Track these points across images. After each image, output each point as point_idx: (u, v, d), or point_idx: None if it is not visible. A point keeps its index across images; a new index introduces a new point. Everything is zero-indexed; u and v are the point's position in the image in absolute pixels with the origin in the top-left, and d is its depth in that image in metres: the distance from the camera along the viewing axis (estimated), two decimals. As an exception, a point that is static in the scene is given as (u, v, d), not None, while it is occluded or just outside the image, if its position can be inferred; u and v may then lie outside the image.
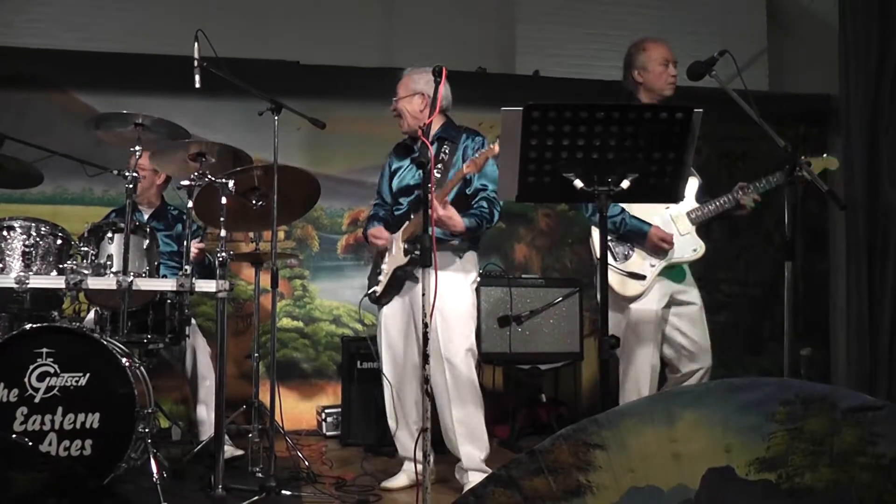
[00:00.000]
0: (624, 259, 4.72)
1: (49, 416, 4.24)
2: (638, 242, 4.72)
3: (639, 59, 4.82)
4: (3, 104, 6.89)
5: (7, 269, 4.45)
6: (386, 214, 5.09)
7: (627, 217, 4.68)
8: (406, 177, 4.96)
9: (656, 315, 4.66)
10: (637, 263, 4.70)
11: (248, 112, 5.20)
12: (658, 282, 4.68)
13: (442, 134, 4.83)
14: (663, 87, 4.77)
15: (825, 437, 2.57)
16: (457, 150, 4.81)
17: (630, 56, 4.88)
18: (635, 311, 4.68)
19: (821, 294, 8.20)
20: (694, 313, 4.79)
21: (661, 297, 4.69)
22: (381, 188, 5.19)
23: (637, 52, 4.85)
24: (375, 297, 4.99)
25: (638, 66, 4.82)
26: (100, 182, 6.52)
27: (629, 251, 4.73)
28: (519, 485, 2.60)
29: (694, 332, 4.77)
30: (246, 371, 6.50)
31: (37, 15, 7.21)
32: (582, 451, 2.59)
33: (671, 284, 4.74)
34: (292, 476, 5.11)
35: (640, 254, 4.71)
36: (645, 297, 4.67)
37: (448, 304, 4.62)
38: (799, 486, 2.56)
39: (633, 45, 4.91)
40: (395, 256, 4.81)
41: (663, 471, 2.58)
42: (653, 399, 2.93)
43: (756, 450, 2.57)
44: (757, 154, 7.57)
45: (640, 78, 4.80)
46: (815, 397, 2.60)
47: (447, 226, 4.58)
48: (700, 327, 4.80)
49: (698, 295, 4.83)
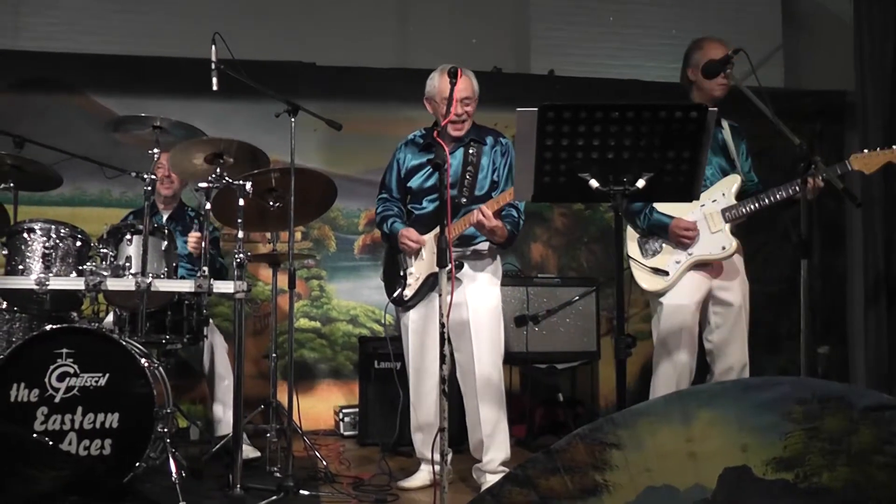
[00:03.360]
0: (652, 255, 4.72)
1: (69, 416, 4.27)
2: (663, 237, 4.71)
3: (694, 58, 4.75)
4: (23, 107, 6.94)
5: (27, 271, 4.49)
6: (399, 212, 5.06)
7: (650, 211, 4.69)
8: (434, 176, 4.88)
9: (689, 310, 4.64)
10: (663, 259, 4.69)
11: (264, 114, 5.22)
12: (690, 277, 4.67)
13: (473, 136, 4.86)
14: (713, 88, 4.67)
15: (842, 437, 2.57)
16: (483, 155, 4.84)
17: (688, 53, 4.83)
18: (667, 306, 4.67)
19: (838, 292, 8.17)
20: (730, 313, 4.72)
21: (694, 291, 4.65)
22: (389, 183, 5.11)
23: (694, 50, 4.78)
24: (403, 300, 4.95)
25: (692, 65, 4.75)
26: (118, 184, 6.58)
27: (659, 247, 4.72)
28: (535, 484, 2.62)
29: (727, 332, 4.71)
30: (263, 371, 6.52)
31: (55, 19, 7.25)
32: (598, 450, 2.60)
33: (709, 280, 4.69)
34: (310, 476, 5.12)
35: (668, 249, 4.70)
36: (675, 291, 4.66)
37: (483, 306, 4.71)
38: (816, 486, 2.55)
39: (693, 42, 4.85)
40: (430, 260, 4.76)
41: (680, 470, 2.58)
42: (669, 398, 2.92)
43: (773, 449, 2.57)
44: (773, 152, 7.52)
45: (694, 77, 4.73)
46: (831, 396, 2.60)
47: (496, 236, 4.67)
48: (737, 326, 4.73)
49: (742, 292, 4.76)
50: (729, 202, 4.67)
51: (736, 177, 4.73)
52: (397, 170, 5.06)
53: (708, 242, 4.65)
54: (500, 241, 4.73)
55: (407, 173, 5.02)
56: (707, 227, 4.67)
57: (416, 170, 4.99)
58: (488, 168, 4.85)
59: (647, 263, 4.71)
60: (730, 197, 4.68)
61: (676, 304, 4.67)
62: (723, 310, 4.73)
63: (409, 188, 5.01)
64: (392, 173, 5.09)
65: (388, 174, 5.13)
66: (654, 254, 4.73)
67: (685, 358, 4.67)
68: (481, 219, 4.53)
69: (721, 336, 4.72)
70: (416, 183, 4.98)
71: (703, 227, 4.67)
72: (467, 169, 4.82)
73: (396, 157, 5.09)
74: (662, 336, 4.71)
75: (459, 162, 4.84)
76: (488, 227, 4.56)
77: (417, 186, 4.97)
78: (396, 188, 5.08)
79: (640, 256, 4.73)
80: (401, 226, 4.94)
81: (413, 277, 4.88)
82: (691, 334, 4.69)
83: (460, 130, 4.84)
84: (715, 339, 4.74)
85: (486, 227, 4.57)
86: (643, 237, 4.78)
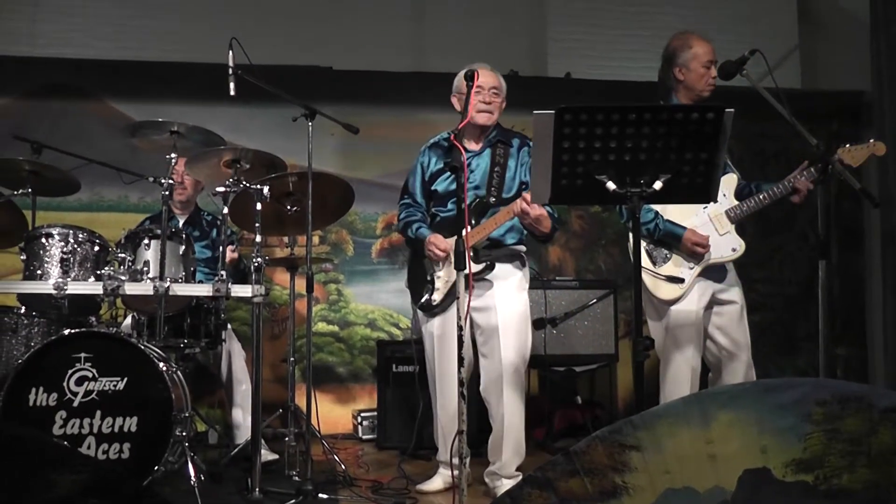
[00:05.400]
0: (663, 262, 4.68)
1: (87, 420, 4.28)
2: (675, 246, 4.67)
3: (682, 57, 4.69)
4: (41, 114, 6.98)
5: (46, 276, 4.52)
6: (423, 217, 5.00)
7: (661, 222, 4.62)
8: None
9: (696, 316, 4.61)
10: (675, 267, 4.66)
11: (282, 118, 5.23)
12: (697, 282, 4.64)
13: (500, 137, 4.83)
14: (703, 89, 4.66)
15: (862, 438, 2.56)
16: (510, 156, 4.81)
17: (673, 52, 4.75)
18: (675, 312, 4.64)
19: (856, 293, 8.14)
20: (735, 312, 4.70)
21: (700, 297, 4.63)
22: (413, 188, 5.05)
23: (682, 49, 4.71)
24: (431, 306, 4.89)
25: (680, 64, 4.69)
26: (135, 189, 6.58)
27: (668, 254, 4.69)
28: (555, 486, 2.61)
29: (735, 331, 4.69)
30: (281, 375, 6.54)
31: (72, 25, 7.28)
32: (617, 452, 2.59)
33: (711, 284, 4.67)
34: (329, 480, 5.12)
35: (679, 256, 4.67)
36: (684, 298, 4.65)
37: (514, 310, 4.73)
38: (837, 488, 2.54)
39: (678, 40, 4.77)
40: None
41: (699, 472, 2.58)
42: (688, 400, 2.92)
43: (792, 451, 2.56)
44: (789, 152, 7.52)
45: (682, 76, 4.68)
46: (851, 397, 2.59)
47: (541, 225, 4.55)
48: (741, 326, 4.71)
49: (740, 293, 4.75)
50: (731, 203, 4.66)
51: (733, 176, 4.71)
52: (421, 174, 5.01)
53: (719, 245, 4.63)
54: (544, 230, 4.61)
55: (431, 177, 4.97)
56: (714, 229, 4.65)
57: (440, 173, 4.95)
58: (516, 169, 4.82)
59: (660, 272, 4.67)
60: (731, 197, 4.67)
61: (686, 310, 4.63)
62: (727, 310, 4.71)
63: (434, 191, 4.97)
64: (416, 177, 5.04)
65: (411, 178, 5.07)
66: (665, 261, 4.69)
67: (694, 361, 4.65)
68: (525, 206, 4.43)
69: (727, 337, 4.70)
70: (442, 186, 4.93)
71: (710, 229, 4.64)
72: (495, 170, 4.79)
73: (420, 160, 5.03)
74: (671, 340, 4.68)
75: (487, 163, 4.82)
76: (533, 216, 4.46)
77: (443, 190, 4.92)
78: (420, 192, 5.02)
79: (651, 265, 4.65)
80: (427, 231, 4.87)
81: (441, 281, 4.84)
82: (699, 337, 4.67)
83: (487, 122, 4.79)
84: (722, 341, 4.71)
85: (530, 216, 4.46)
86: (651, 245, 4.72)
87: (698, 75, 4.66)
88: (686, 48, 4.71)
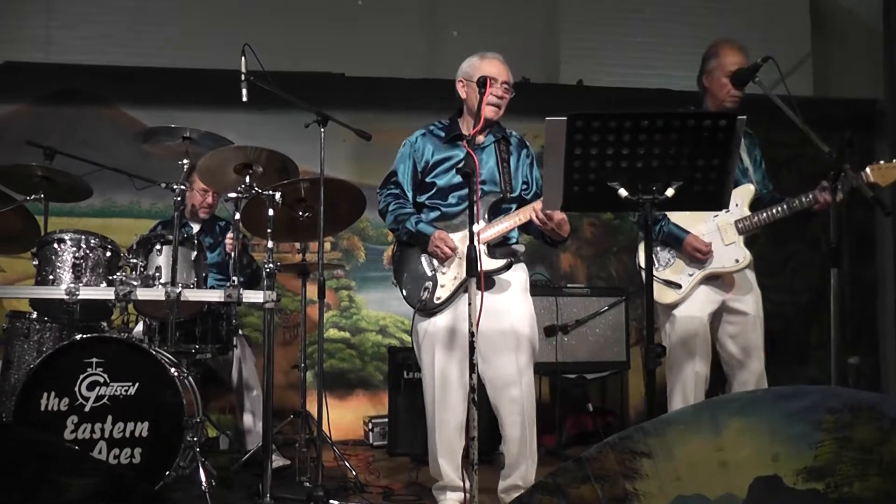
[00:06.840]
0: (665, 266, 4.68)
1: (99, 425, 4.30)
2: (677, 249, 4.67)
3: (709, 64, 4.69)
4: (54, 119, 7.02)
5: (58, 281, 4.53)
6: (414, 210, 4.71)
7: (666, 224, 4.65)
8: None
9: (701, 322, 4.61)
10: (675, 272, 4.66)
11: (294, 124, 5.23)
12: (700, 290, 4.63)
13: (502, 134, 4.71)
14: (725, 99, 4.63)
15: (874, 446, 2.55)
16: (511, 153, 4.70)
17: (704, 58, 4.75)
18: (680, 318, 4.64)
19: (869, 301, 8.13)
20: (747, 322, 4.67)
21: (705, 304, 4.63)
22: (402, 178, 4.78)
23: (710, 56, 4.70)
24: (434, 304, 4.53)
25: (706, 71, 4.70)
26: (148, 195, 6.61)
27: (672, 258, 4.68)
28: (566, 492, 2.61)
29: (745, 340, 4.66)
30: (292, 381, 6.54)
31: (85, 32, 7.34)
32: (628, 459, 2.59)
33: (721, 293, 4.66)
34: (340, 486, 5.12)
35: (681, 262, 4.67)
36: (687, 304, 4.63)
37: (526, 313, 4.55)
38: (848, 496, 2.53)
39: (711, 47, 4.74)
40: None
41: (710, 479, 2.57)
42: (699, 407, 2.91)
43: (804, 458, 2.55)
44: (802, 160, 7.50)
45: (707, 84, 4.69)
46: (862, 406, 2.58)
47: (562, 230, 4.37)
48: (754, 335, 4.68)
49: (755, 303, 4.70)
50: (742, 213, 4.63)
51: (749, 187, 4.68)
52: (413, 164, 4.75)
53: (721, 255, 4.62)
54: (563, 235, 4.42)
55: (428, 168, 4.71)
56: (720, 238, 4.62)
57: (438, 164, 4.71)
58: (518, 167, 4.70)
59: (658, 275, 4.66)
60: (743, 207, 4.64)
61: (689, 316, 4.64)
62: (738, 319, 4.69)
63: (433, 184, 4.70)
64: (406, 167, 4.77)
65: (401, 166, 4.78)
66: (667, 265, 4.69)
67: (699, 368, 4.64)
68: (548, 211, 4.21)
69: (737, 346, 4.69)
70: (444, 179, 4.67)
71: (716, 238, 4.62)
72: (503, 166, 4.65)
73: (412, 149, 4.77)
74: (676, 347, 4.67)
75: (495, 160, 4.67)
76: (556, 220, 4.28)
77: (445, 183, 4.66)
78: (410, 183, 4.75)
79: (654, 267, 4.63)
80: (429, 227, 4.56)
81: (447, 278, 4.52)
82: (705, 343, 4.66)
83: (494, 116, 4.60)
84: (731, 350, 4.70)
85: (554, 220, 4.28)
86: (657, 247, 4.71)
87: (720, 84, 4.65)
88: (712, 56, 4.70)
